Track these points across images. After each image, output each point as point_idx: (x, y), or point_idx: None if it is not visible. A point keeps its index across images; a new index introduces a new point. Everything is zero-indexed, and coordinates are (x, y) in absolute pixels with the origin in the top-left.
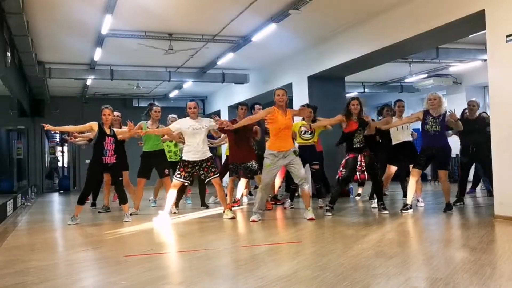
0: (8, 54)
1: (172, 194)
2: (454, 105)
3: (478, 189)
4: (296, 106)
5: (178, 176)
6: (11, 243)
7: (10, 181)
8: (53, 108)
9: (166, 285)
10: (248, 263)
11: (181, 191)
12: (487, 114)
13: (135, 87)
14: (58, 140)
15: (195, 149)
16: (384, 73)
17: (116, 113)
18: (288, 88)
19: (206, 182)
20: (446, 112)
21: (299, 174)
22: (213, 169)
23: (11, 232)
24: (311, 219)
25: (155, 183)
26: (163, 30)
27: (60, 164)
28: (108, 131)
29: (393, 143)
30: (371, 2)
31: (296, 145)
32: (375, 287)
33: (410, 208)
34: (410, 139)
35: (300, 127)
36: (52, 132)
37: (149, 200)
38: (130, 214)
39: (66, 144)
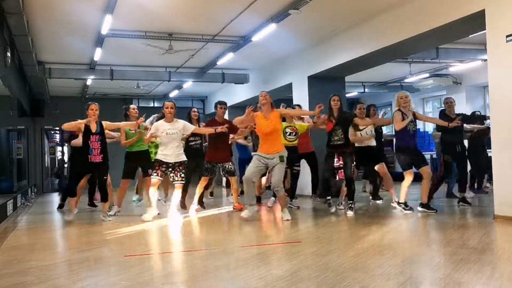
0: (8, 54)
1: (153, 193)
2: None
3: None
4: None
5: (155, 174)
6: (11, 243)
7: (10, 181)
8: (53, 108)
9: (166, 285)
10: (248, 263)
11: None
12: (480, 113)
13: (135, 87)
14: (58, 140)
15: (168, 151)
16: (384, 73)
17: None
18: (288, 88)
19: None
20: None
21: (275, 181)
22: (182, 175)
23: (11, 232)
24: (287, 220)
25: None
26: (163, 30)
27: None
28: (94, 129)
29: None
30: (371, 2)
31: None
32: (375, 287)
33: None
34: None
35: (285, 128)
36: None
37: (133, 200)
38: (114, 214)
39: (66, 144)
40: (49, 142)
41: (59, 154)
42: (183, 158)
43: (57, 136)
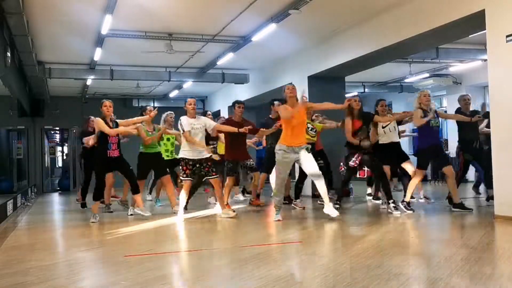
0: (8, 54)
1: (183, 196)
2: (455, 105)
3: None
4: None
5: (184, 176)
6: (11, 243)
7: (10, 181)
8: (53, 108)
9: (166, 285)
10: (248, 263)
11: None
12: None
13: (135, 87)
14: (58, 140)
15: (193, 147)
16: (384, 73)
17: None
18: None
19: (204, 180)
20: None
21: (313, 167)
22: (214, 169)
23: (11, 232)
24: (334, 218)
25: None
26: (163, 30)
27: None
28: (110, 124)
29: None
30: (371, 2)
31: None
32: (375, 287)
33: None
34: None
35: (307, 123)
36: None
37: (154, 200)
38: (132, 214)
39: (66, 144)
40: (49, 142)
41: (59, 154)
42: (207, 153)
43: (57, 136)
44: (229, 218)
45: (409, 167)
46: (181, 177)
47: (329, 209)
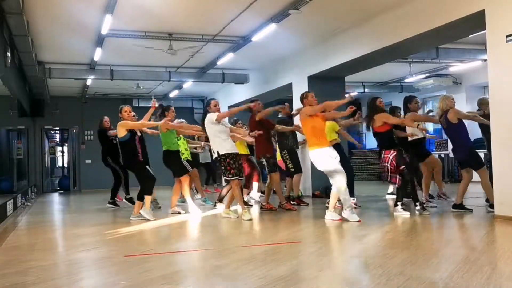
0: (8, 54)
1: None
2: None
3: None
4: (297, 107)
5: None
6: (11, 243)
7: (10, 181)
8: (53, 108)
9: (166, 285)
10: (248, 263)
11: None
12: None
13: (135, 87)
14: (58, 140)
15: (230, 142)
16: (384, 73)
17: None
18: (288, 88)
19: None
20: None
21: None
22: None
23: (11, 232)
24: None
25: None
26: (163, 30)
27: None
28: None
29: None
30: (371, 2)
31: None
32: (375, 287)
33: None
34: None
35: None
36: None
37: (202, 200)
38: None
39: (66, 144)
40: (49, 142)
41: (58, 154)
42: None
43: (57, 136)
44: (229, 218)
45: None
46: (229, 177)
47: (331, 214)
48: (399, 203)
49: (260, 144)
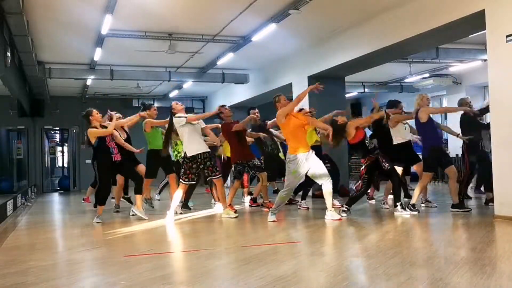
0: (8, 54)
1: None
2: (455, 105)
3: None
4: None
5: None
6: (11, 243)
7: (10, 181)
8: (53, 108)
9: (166, 285)
10: (248, 263)
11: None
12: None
13: (135, 87)
14: (58, 140)
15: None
16: (384, 73)
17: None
18: (288, 88)
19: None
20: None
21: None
22: (218, 169)
23: (11, 232)
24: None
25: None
26: (163, 30)
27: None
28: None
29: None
30: (371, 2)
31: None
32: (375, 287)
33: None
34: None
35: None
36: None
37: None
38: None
39: (66, 144)
40: (49, 142)
41: (59, 154)
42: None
43: (57, 136)
44: (229, 218)
45: (419, 169)
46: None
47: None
48: (398, 204)
49: (233, 150)
